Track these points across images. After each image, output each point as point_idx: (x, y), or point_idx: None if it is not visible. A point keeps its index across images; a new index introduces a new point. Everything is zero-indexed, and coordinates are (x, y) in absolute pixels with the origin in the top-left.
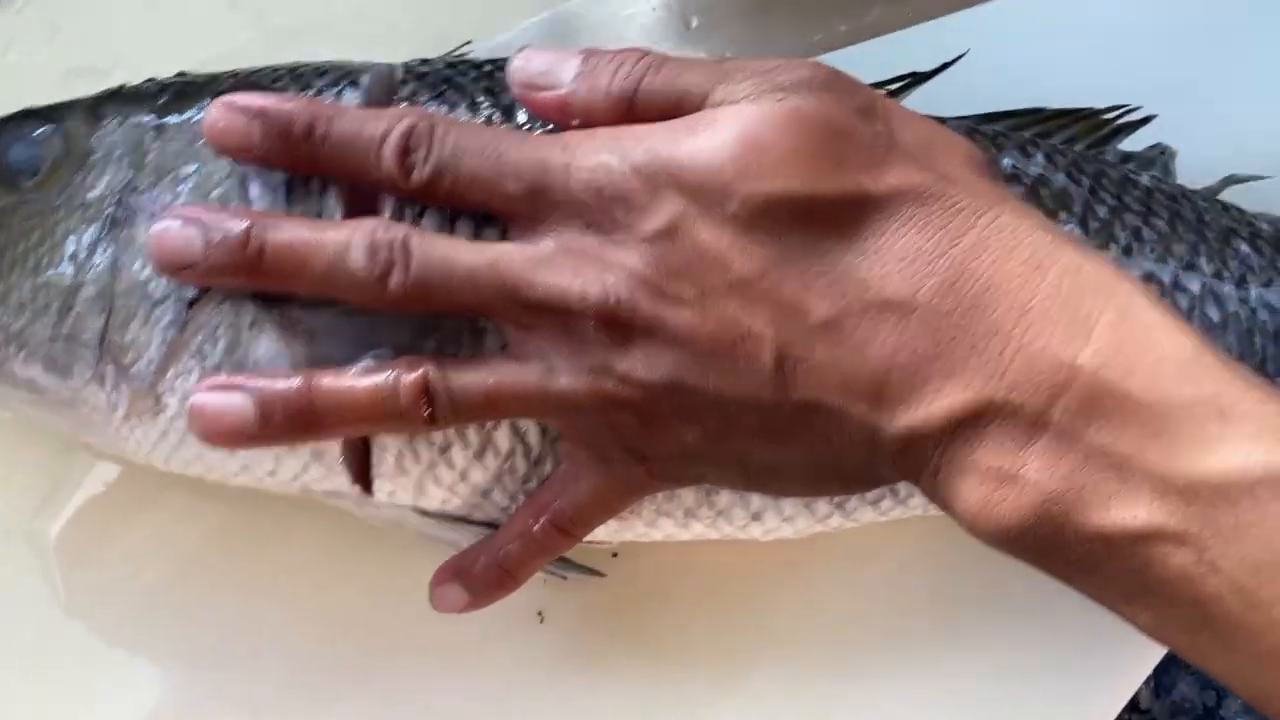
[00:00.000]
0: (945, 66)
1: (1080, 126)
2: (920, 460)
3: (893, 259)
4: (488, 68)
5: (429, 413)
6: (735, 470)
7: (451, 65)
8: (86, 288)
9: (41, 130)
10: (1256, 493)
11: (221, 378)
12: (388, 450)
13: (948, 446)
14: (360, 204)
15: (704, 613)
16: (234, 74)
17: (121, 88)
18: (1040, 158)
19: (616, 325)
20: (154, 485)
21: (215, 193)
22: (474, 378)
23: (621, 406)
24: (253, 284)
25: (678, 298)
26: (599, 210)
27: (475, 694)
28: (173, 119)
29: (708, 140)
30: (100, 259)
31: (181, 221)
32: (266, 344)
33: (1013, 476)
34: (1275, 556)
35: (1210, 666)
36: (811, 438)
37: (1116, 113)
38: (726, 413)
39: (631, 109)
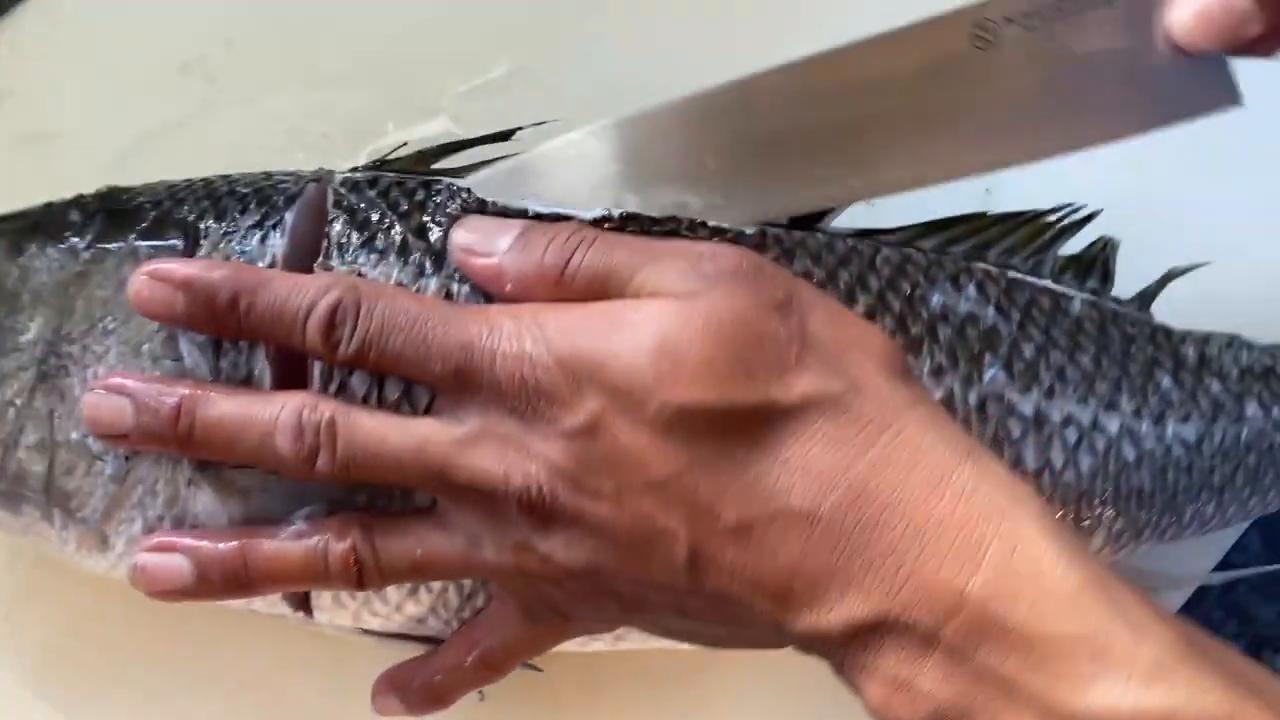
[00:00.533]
0: None
1: (1024, 232)
2: (826, 652)
3: (799, 471)
4: (419, 195)
5: (356, 578)
6: (655, 629)
7: (383, 195)
8: (27, 434)
9: None
10: None
11: (163, 538)
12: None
13: (848, 648)
14: (289, 363)
15: (642, 696)
16: (155, 198)
17: (47, 214)
18: (971, 290)
19: (537, 512)
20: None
21: (146, 346)
22: (401, 546)
23: (543, 579)
24: (186, 454)
25: (597, 492)
26: (522, 399)
27: None
28: (96, 267)
29: (629, 342)
30: (39, 406)
31: (113, 394)
32: (204, 500)
33: (908, 685)
34: None
35: None
36: (723, 619)
37: (1060, 214)
38: (642, 593)
39: (560, 283)
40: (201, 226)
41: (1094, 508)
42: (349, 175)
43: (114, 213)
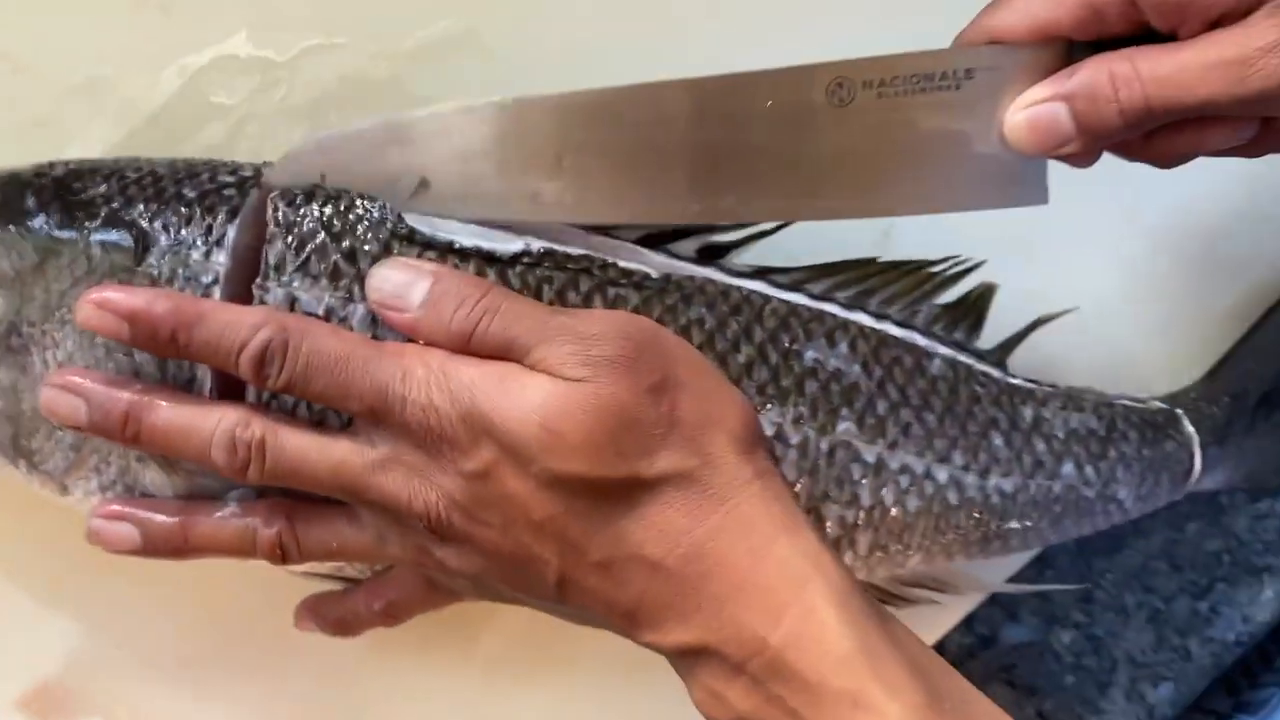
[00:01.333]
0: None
1: (906, 281)
2: (662, 654)
3: (653, 528)
4: (351, 214)
5: (280, 557)
6: (528, 606)
7: (320, 212)
8: None
9: None
10: None
11: (113, 507)
12: None
13: (678, 661)
14: (228, 376)
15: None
16: (107, 194)
17: (3, 195)
18: (843, 348)
19: (435, 531)
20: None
21: (99, 339)
22: (319, 535)
23: (438, 573)
24: (133, 448)
25: (486, 523)
26: (428, 440)
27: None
28: (53, 261)
29: (519, 411)
30: (3, 378)
31: (68, 392)
32: (151, 475)
33: (720, 695)
34: None
35: None
36: (584, 621)
37: (943, 266)
38: (520, 596)
39: (468, 345)
40: (150, 232)
41: (915, 537)
42: (286, 188)
43: (69, 204)
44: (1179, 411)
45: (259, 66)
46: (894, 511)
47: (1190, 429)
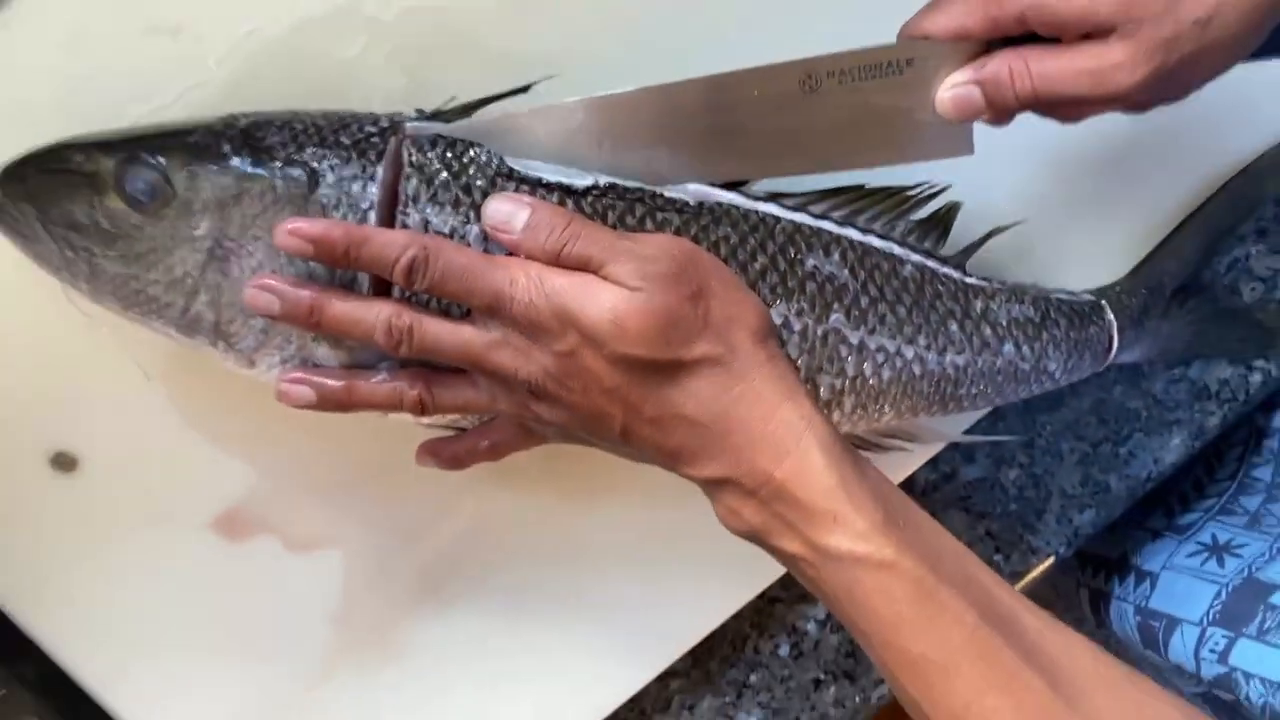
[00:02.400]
0: None
1: (888, 202)
2: (696, 483)
3: (691, 396)
4: (465, 158)
5: (420, 411)
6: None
7: (441, 156)
8: (201, 295)
9: (146, 170)
10: (844, 559)
11: (296, 373)
12: None
13: (707, 487)
14: (378, 278)
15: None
16: (283, 140)
17: (203, 139)
18: (836, 256)
19: (534, 393)
20: None
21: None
22: (449, 395)
23: (533, 421)
24: (314, 332)
25: (570, 388)
26: (528, 328)
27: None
28: (247, 193)
29: (597, 309)
30: (210, 278)
31: (265, 290)
32: (322, 351)
33: (737, 512)
34: (846, 586)
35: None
36: (637, 457)
37: (918, 190)
38: (592, 440)
39: (557, 259)
40: (320, 171)
41: (888, 400)
42: (418, 134)
43: (256, 149)
44: (1103, 302)
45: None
46: (872, 381)
47: (1111, 316)
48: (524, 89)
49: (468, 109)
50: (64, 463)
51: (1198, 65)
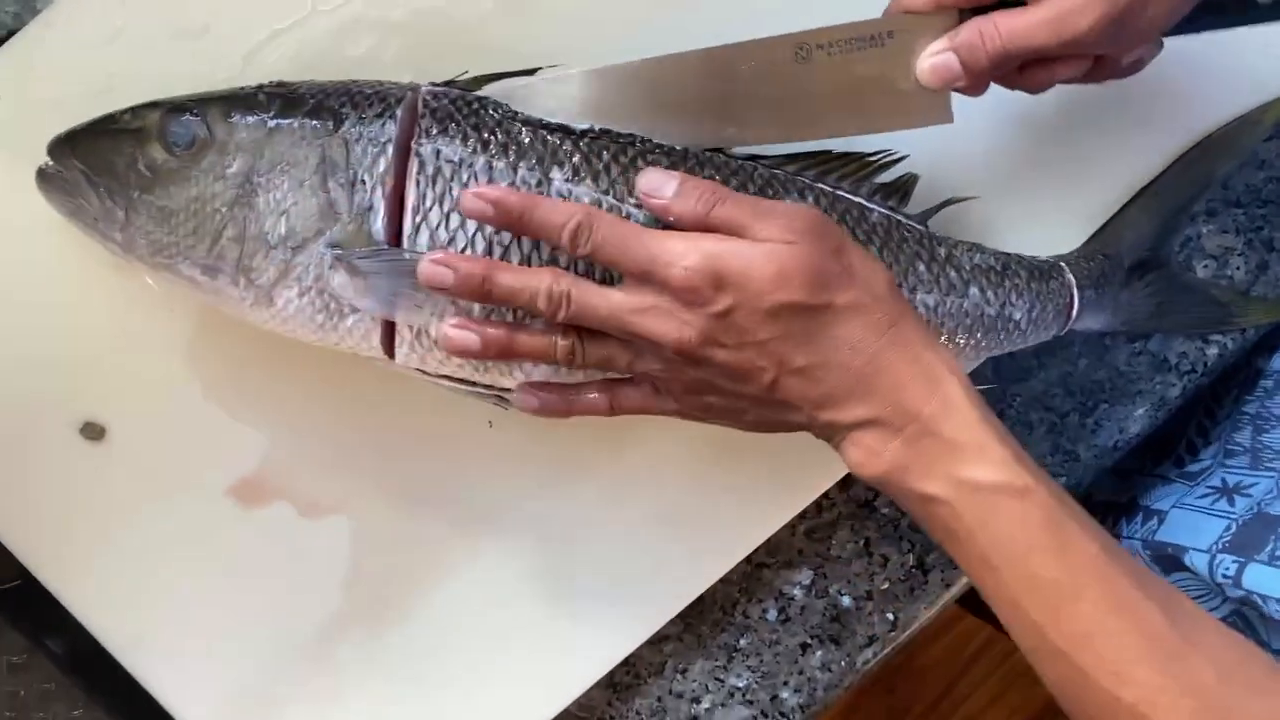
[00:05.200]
0: None
1: (854, 165)
2: (831, 434)
3: (842, 342)
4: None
5: (570, 361)
6: (728, 423)
7: (453, 103)
8: (228, 230)
9: (188, 119)
10: (986, 489)
11: (462, 320)
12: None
13: (850, 431)
14: None
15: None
16: (312, 91)
17: (241, 93)
18: (810, 200)
19: (683, 354)
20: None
21: (305, 183)
22: (598, 350)
23: (671, 382)
24: (479, 303)
25: (723, 345)
26: (683, 291)
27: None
28: (278, 133)
29: (757, 264)
30: (238, 212)
31: (440, 265)
32: (339, 279)
33: (878, 453)
34: (984, 516)
35: (951, 555)
36: (776, 411)
37: (879, 156)
38: (730, 398)
39: (704, 222)
40: (342, 113)
41: None
42: (432, 91)
43: (287, 99)
44: (1063, 264)
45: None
46: None
47: (1070, 276)
48: (530, 71)
49: (478, 82)
50: (93, 431)
51: (1146, 8)
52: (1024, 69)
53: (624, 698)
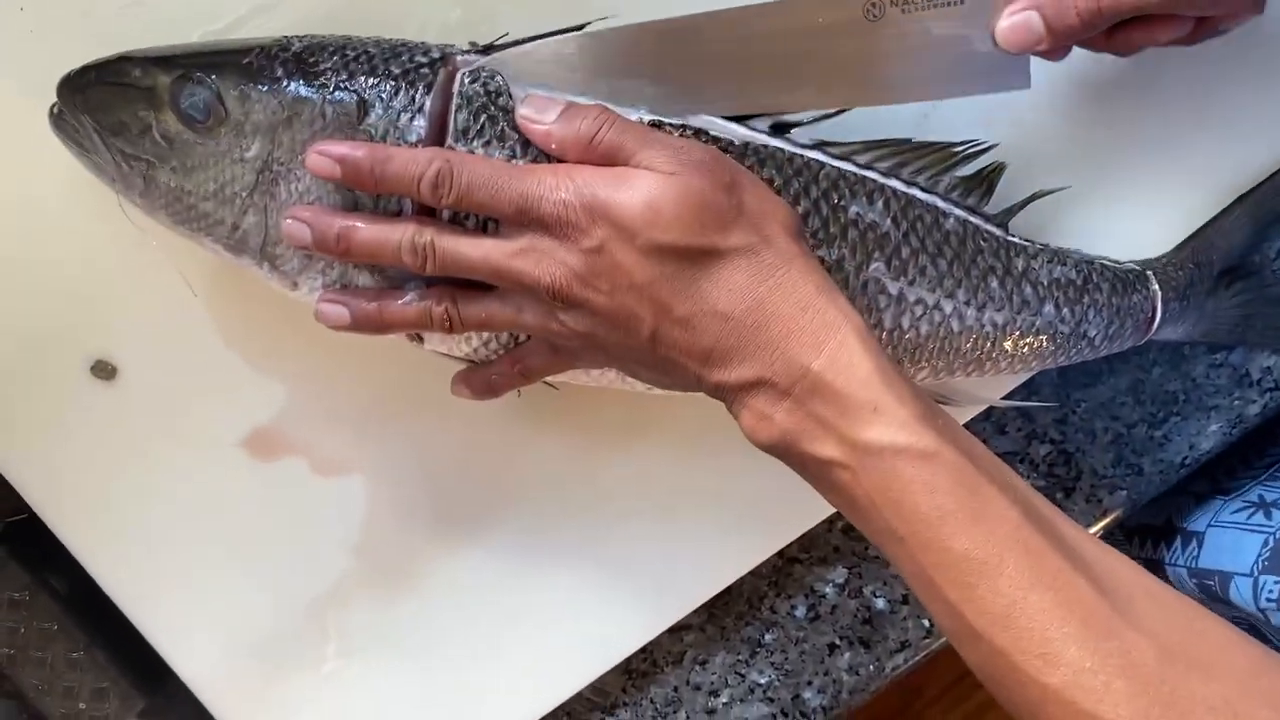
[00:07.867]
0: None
1: (934, 156)
2: (723, 395)
3: (725, 287)
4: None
5: (448, 327)
6: (627, 372)
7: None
8: (250, 215)
9: (200, 89)
10: (884, 453)
11: (334, 294)
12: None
13: (739, 393)
14: (423, 206)
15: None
16: (334, 65)
17: (258, 58)
18: (879, 205)
19: (559, 298)
20: None
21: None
22: (475, 310)
23: (561, 336)
24: (345, 259)
25: (597, 289)
26: (557, 227)
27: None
28: (297, 117)
29: (629, 197)
30: (257, 199)
31: (298, 222)
32: (364, 277)
33: (769, 417)
34: (884, 483)
35: (858, 527)
36: (667, 371)
37: (963, 147)
38: (620, 351)
39: (588, 148)
40: (369, 100)
41: (925, 355)
42: (463, 70)
43: (308, 75)
44: (1149, 272)
45: None
46: (909, 334)
47: (1156, 286)
48: (579, 28)
49: (520, 45)
50: (104, 371)
51: None
52: (1116, 28)
53: (640, 685)
